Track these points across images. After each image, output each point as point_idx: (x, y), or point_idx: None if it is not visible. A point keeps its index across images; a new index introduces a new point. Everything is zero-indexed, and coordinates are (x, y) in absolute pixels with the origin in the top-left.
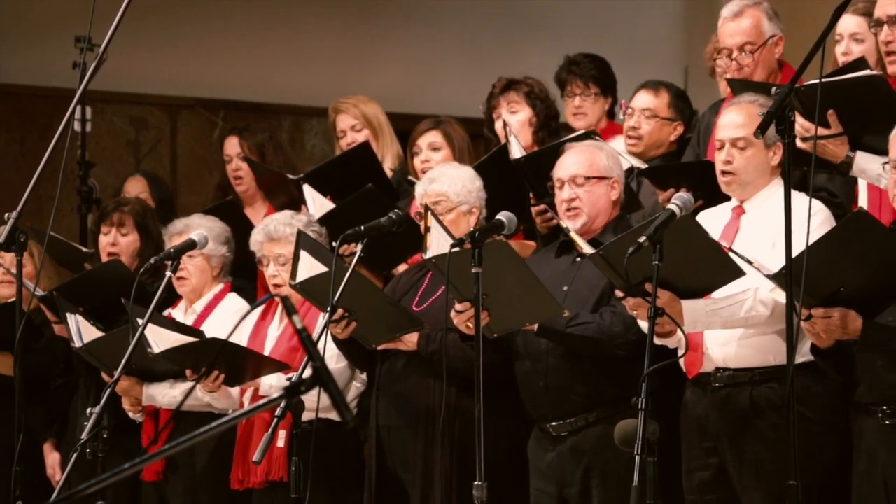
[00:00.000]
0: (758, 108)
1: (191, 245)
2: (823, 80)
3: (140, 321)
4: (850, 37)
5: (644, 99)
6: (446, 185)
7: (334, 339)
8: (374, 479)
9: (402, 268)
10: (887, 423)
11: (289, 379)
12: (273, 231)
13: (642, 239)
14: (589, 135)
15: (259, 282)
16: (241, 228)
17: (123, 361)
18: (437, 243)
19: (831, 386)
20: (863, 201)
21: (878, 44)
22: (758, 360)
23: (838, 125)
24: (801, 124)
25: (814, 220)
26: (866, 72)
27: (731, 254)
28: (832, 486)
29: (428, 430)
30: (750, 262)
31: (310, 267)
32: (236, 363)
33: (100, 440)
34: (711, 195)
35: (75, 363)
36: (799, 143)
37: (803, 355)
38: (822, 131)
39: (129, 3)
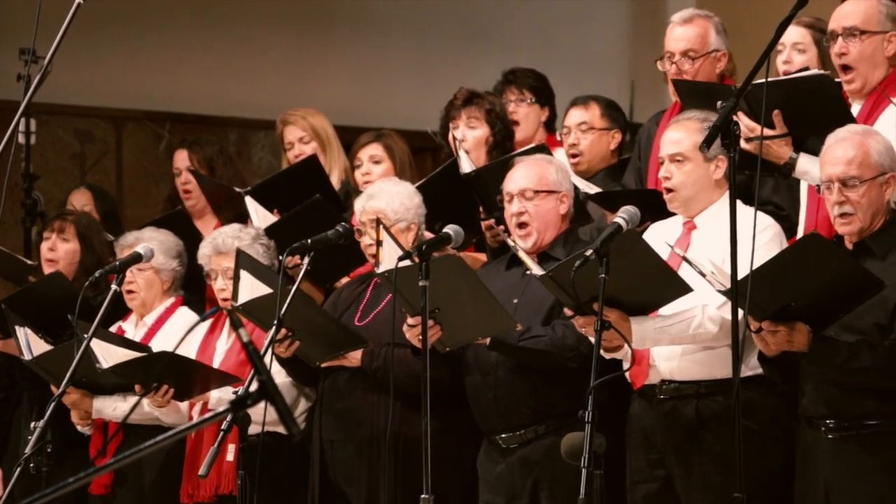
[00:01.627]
0: (698, 124)
1: (136, 258)
2: (775, 78)
3: (86, 336)
4: (793, 46)
5: (576, 115)
6: (384, 202)
7: (278, 358)
8: (316, 494)
9: (343, 281)
10: (830, 436)
11: (235, 392)
12: (221, 244)
13: (589, 252)
14: (539, 149)
15: (207, 295)
16: (190, 240)
17: (68, 376)
18: (390, 257)
19: (776, 398)
20: (803, 211)
21: (831, 56)
22: (703, 373)
23: (783, 126)
24: (746, 125)
25: (764, 235)
26: (815, 71)
27: (685, 263)
28: (777, 497)
29: (372, 445)
30: (703, 275)
31: (251, 286)
32: (185, 377)
33: (44, 454)
34: (659, 218)
35: (18, 377)
36: (743, 144)
37: (750, 369)
38: (767, 132)
39: (73, 15)
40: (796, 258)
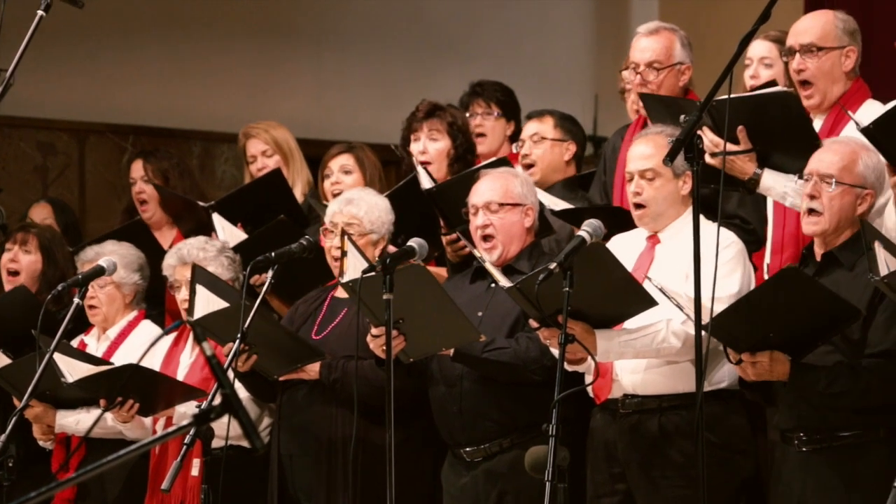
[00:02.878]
0: (665, 139)
1: (99, 272)
2: (739, 95)
3: (48, 349)
4: (760, 61)
5: (530, 127)
6: (363, 210)
7: (235, 372)
8: None
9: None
10: (804, 449)
11: (199, 407)
12: (186, 255)
13: (553, 265)
14: (501, 162)
15: (167, 307)
16: (150, 251)
17: (29, 391)
18: (354, 267)
19: (739, 413)
20: (770, 223)
21: (790, 72)
22: (666, 387)
23: (748, 142)
24: (711, 140)
25: (727, 251)
26: (779, 87)
27: (653, 288)
28: None
29: (331, 458)
30: (681, 308)
31: (207, 301)
32: (150, 390)
33: (5, 468)
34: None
35: None
36: (707, 159)
37: (712, 383)
38: (731, 147)
39: (36, 28)
40: (775, 293)
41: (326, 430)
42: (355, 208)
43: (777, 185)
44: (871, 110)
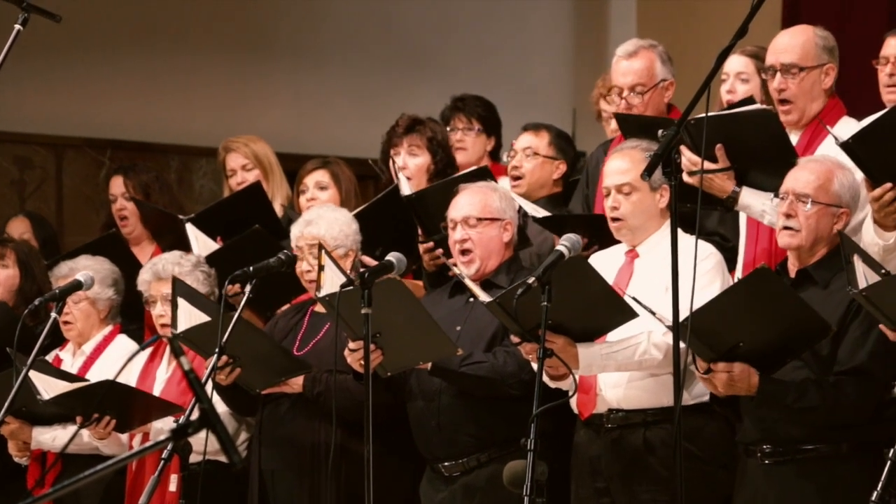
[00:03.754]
0: (641, 153)
1: (76, 286)
2: (718, 111)
3: (24, 366)
4: (736, 76)
5: (525, 139)
6: (323, 228)
7: (216, 385)
8: None
9: (282, 309)
10: (767, 461)
11: (176, 422)
12: (161, 270)
13: (531, 280)
14: (482, 171)
15: (146, 322)
16: (127, 266)
17: (5, 408)
18: (331, 282)
19: (720, 425)
20: (742, 241)
21: (770, 90)
22: (651, 401)
23: (726, 160)
24: (689, 158)
25: (705, 263)
26: (758, 106)
27: (634, 303)
28: None
29: (313, 473)
30: (653, 313)
31: (188, 314)
32: (126, 407)
33: None
34: (605, 243)
35: None
36: (686, 178)
37: (694, 396)
38: (709, 165)
39: (13, 42)
40: (746, 293)
41: (310, 444)
42: (315, 228)
43: (755, 204)
44: (847, 128)
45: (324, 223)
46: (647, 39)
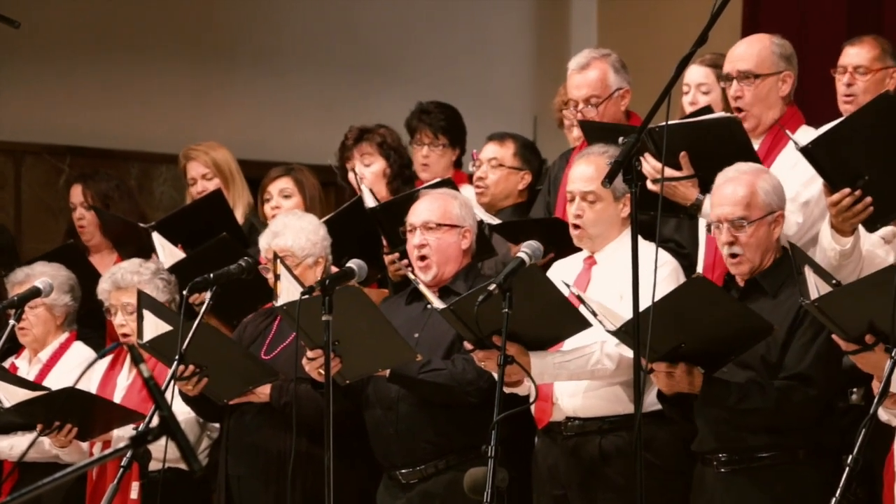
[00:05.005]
0: (608, 160)
1: (35, 293)
2: (681, 120)
3: None
4: (697, 87)
5: (490, 149)
6: (290, 239)
7: (183, 395)
8: None
9: (250, 316)
10: (723, 470)
11: (136, 429)
12: (120, 279)
13: (492, 287)
14: (445, 183)
15: (107, 331)
16: (85, 274)
17: None
18: (288, 291)
19: (676, 433)
20: (701, 249)
21: (728, 98)
22: (606, 409)
23: (690, 167)
24: (654, 165)
25: (662, 271)
26: (723, 114)
27: (579, 303)
28: None
29: (279, 479)
30: (595, 314)
31: (154, 325)
32: (88, 414)
33: None
34: (563, 249)
35: None
36: (650, 185)
37: (649, 404)
38: (674, 173)
39: None
40: (684, 300)
41: (275, 451)
42: (282, 239)
43: None
44: (806, 136)
45: (290, 234)
46: (599, 49)
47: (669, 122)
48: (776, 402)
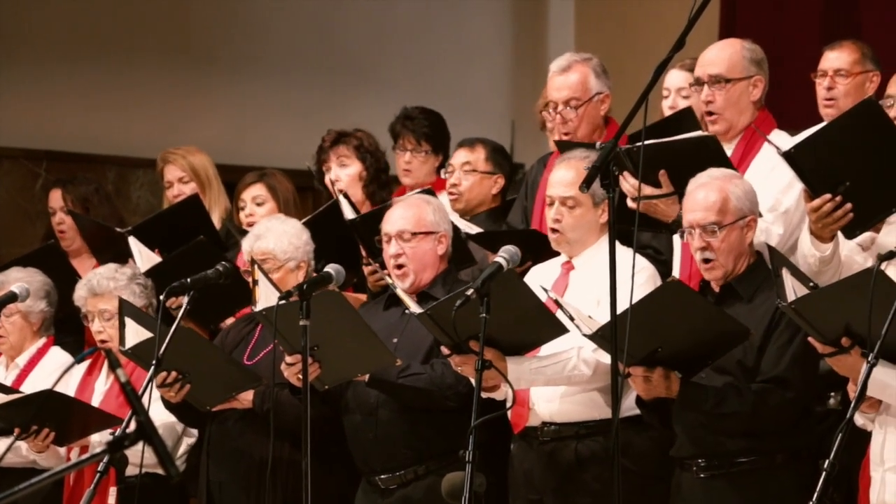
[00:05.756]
0: (588, 165)
1: (11, 297)
2: (658, 140)
3: None
4: (678, 92)
5: (461, 155)
6: (272, 242)
7: (165, 403)
8: None
9: (229, 321)
10: (702, 475)
11: (112, 434)
12: (96, 286)
13: (470, 292)
14: (427, 192)
15: (85, 337)
16: (66, 278)
17: None
18: (266, 296)
19: (653, 439)
20: (677, 257)
21: (699, 102)
22: (582, 414)
23: (669, 185)
24: (633, 185)
25: (638, 277)
26: (698, 132)
27: (557, 308)
28: None
29: (260, 486)
30: (571, 318)
31: (136, 332)
32: (66, 418)
33: None
34: (541, 258)
35: None
36: (630, 203)
37: (626, 409)
38: (654, 191)
39: None
40: (659, 304)
41: (257, 457)
42: (264, 243)
43: None
44: (778, 140)
45: (272, 237)
46: (581, 53)
47: (647, 143)
48: (753, 405)
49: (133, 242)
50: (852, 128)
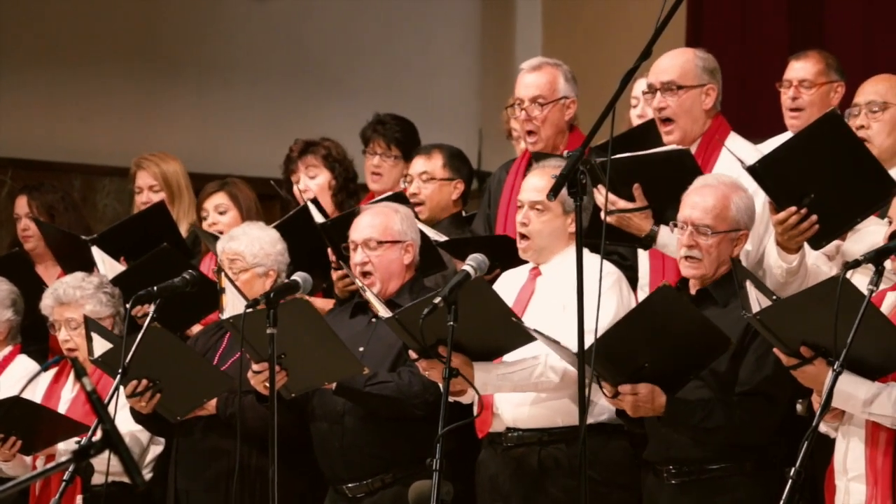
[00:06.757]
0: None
1: None
2: (633, 154)
3: None
4: (646, 100)
5: (419, 164)
6: (244, 245)
7: (135, 413)
8: None
9: (196, 328)
10: (673, 482)
11: (77, 442)
12: (62, 295)
13: (437, 300)
14: (397, 196)
15: (50, 344)
16: (30, 284)
17: None
18: (233, 304)
19: (618, 447)
20: (643, 266)
21: (652, 110)
22: (546, 421)
23: (643, 199)
24: (608, 199)
25: (604, 282)
26: (673, 146)
27: (537, 335)
28: None
29: (228, 492)
30: (557, 343)
31: (103, 344)
32: (33, 425)
33: None
34: (508, 264)
35: None
36: (604, 217)
37: (592, 416)
38: (628, 205)
39: None
40: (651, 310)
41: (224, 464)
42: (235, 244)
43: (673, 242)
44: (733, 144)
45: (245, 240)
46: (553, 59)
47: (621, 156)
48: (739, 419)
49: (96, 252)
50: (815, 140)
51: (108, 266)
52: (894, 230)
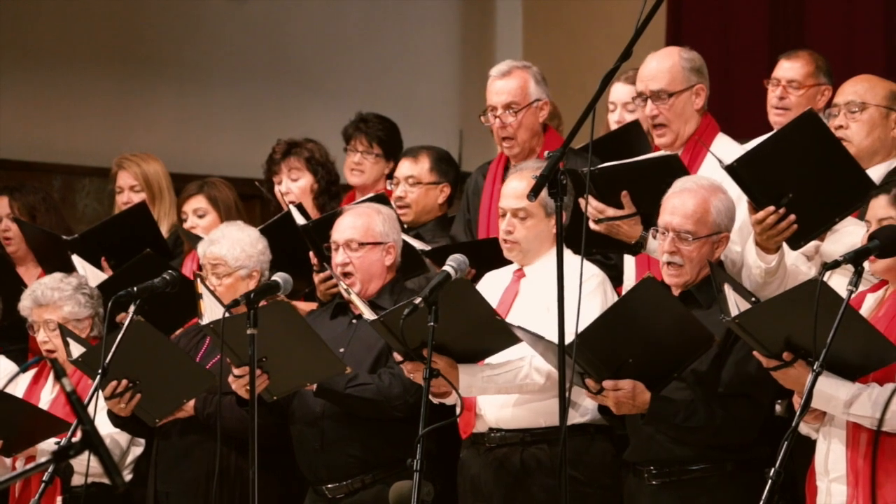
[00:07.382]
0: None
1: None
2: (620, 161)
3: None
4: (623, 106)
5: (405, 168)
6: (225, 248)
7: (113, 417)
8: None
9: (178, 332)
10: (653, 482)
11: (57, 443)
12: (41, 296)
13: (418, 301)
14: (379, 198)
15: (30, 345)
16: (11, 287)
17: None
18: (211, 309)
19: (601, 447)
20: (629, 268)
21: (643, 117)
22: (529, 421)
23: (632, 206)
24: (596, 206)
25: (588, 284)
26: (661, 153)
27: (523, 334)
28: None
29: (208, 493)
30: (541, 337)
31: (79, 350)
32: (13, 424)
33: None
34: (494, 267)
35: None
36: (592, 226)
37: (576, 417)
38: (617, 212)
39: None
40: (635, 302)
41: (203, 465)
42: (217, 248)
43: None
44: (722, 145)
45: (226, 243)
46: (521, 61)
47: (608, 165)
48: (721, 420)
49: (76, 260)
50: (793, 140)
51: (89, 273)
52: (873, 231)
